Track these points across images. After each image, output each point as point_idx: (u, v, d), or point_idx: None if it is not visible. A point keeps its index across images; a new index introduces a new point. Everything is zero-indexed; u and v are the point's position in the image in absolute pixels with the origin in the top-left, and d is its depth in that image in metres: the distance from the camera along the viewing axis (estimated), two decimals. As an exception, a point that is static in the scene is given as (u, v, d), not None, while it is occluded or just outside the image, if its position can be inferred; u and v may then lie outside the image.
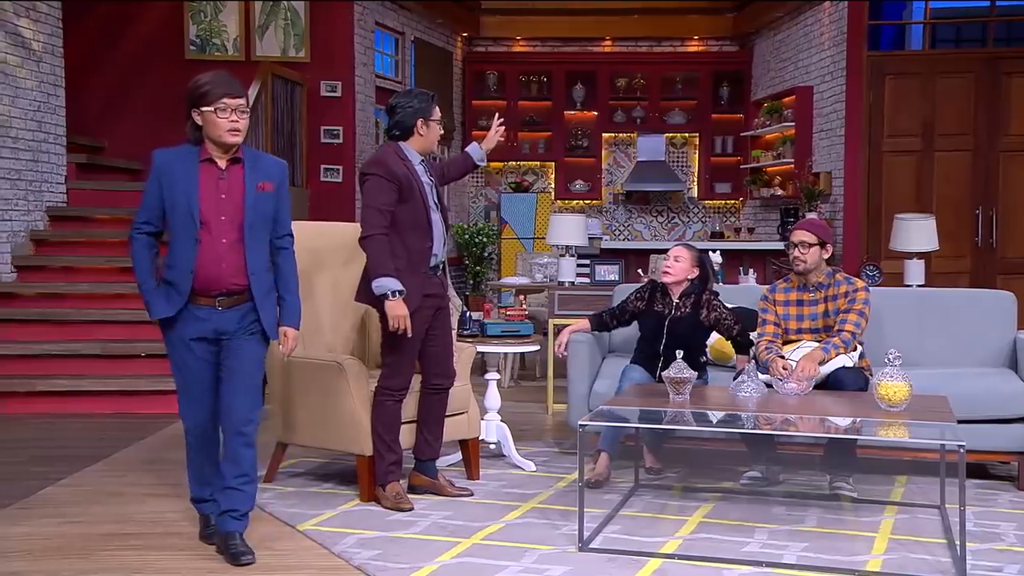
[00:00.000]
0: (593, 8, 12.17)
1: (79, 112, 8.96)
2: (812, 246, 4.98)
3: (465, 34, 12.25)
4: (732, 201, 12.51)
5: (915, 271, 6.80)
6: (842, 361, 4.84)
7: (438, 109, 4.68)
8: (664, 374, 4.46)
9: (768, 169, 11.37)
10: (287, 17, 9.68)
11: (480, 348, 5.50)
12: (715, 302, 5.14)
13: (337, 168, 9.69)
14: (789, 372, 4.66)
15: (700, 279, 5.21)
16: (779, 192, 10.98)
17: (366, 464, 4.67)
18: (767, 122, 11.19)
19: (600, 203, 12.61)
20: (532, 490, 4.90)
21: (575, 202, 12.60)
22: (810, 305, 5.04)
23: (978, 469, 5.27)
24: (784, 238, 9.51)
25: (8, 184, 7.77)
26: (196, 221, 3.73)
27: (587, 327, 5.42)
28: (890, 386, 4.15)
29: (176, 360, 3.88)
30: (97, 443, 5.94)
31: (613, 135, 12.63)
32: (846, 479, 4.81)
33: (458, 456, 5.24)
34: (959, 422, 4.08)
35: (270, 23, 9.69)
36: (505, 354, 7.80)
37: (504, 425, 5.51)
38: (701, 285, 5.20)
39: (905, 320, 5.56)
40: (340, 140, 9.70)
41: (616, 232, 12.59)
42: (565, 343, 5.35)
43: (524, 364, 8.84)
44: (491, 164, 12.25)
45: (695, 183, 12.57)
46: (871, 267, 7.04)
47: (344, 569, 3.81)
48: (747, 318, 5.23)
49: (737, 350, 5.21)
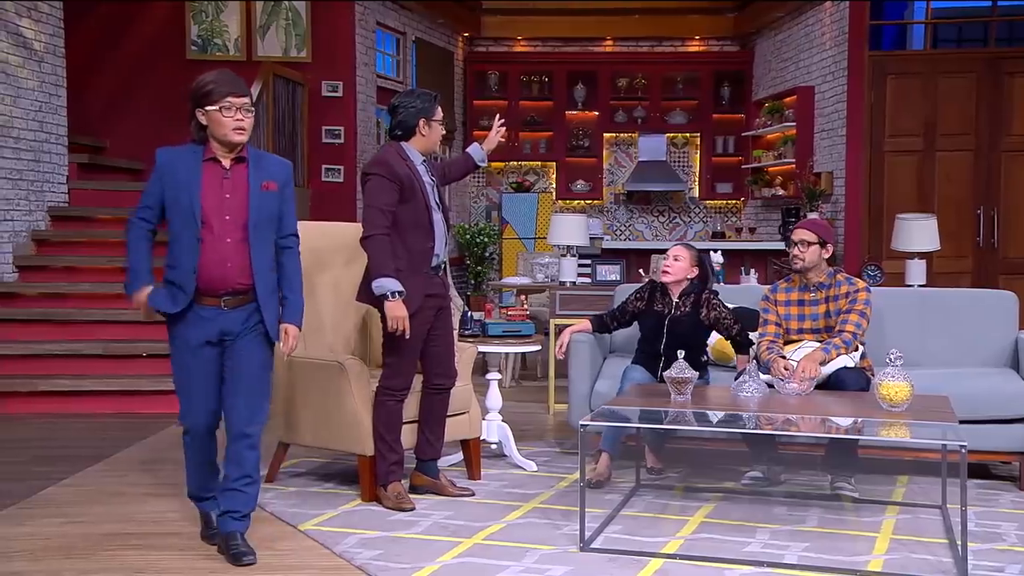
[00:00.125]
0: (594, 8, 12.17)
1: (81, 112, 8.97)
2: (811, 245, 4.99)
3: (466, 34, 12.25)
4: (733, 201, 12.51)
5: (917, 271, 6.80)
6: (843, 361, 4.84)
7: (440, 109, 4.68)
8: (666, 374, 4.46)
9: (769, 169, 11.37)
10: (288, 17, 9.69)
11: (481, 348, 5.50)
12: (715, 301, 5.14)
13: (338, 168, 9.69)
14: (790, 372, 4.66)
15: (699, 278, 5.21)
16: (780, 192, 10.98)
17: (367, 464, 4.67)
18: (768, 122, 11.19)
19: (601, 203, 12.61)
20: (533, 490, 4.90)
21: (576, 202, 12.60)
22: (811, 305, 5.04)
23: (980, 469, 5.27)
24: (785, 238, 9.50)
25: (10, 184, 7.77)
26: (198, 220, 3.72)
27: (588, 328, 5.42)
28: (892, 386, 4.15)
29: (178, 360, 3.87)
30: (99, 443, 5.95)
31: (614, 135, 12.62)
32: (847, 479, 4.81)
33: (459, 456, 5.24)
34: (961, 422, 4.07)
35: (271, 23, 9.70)
36: (506, 354, 7.80)
37: (505, 425, 5.51)
38: (701, 284, 5.20)
39: (907, 320, 5.56)
40: (341, 140, 9.70)
41: (617, 232, 12.59)
42: (565, 344, 5.34)
43: (525, 364, 8.84)
44: (492, 164, 12.25)
45: (696, 183, 12.56)
46: (872, 267, 7.04)
47: (345, 569, 3.82)
48: (748, 318, 5.24)
49: (737, 350, 5.21)
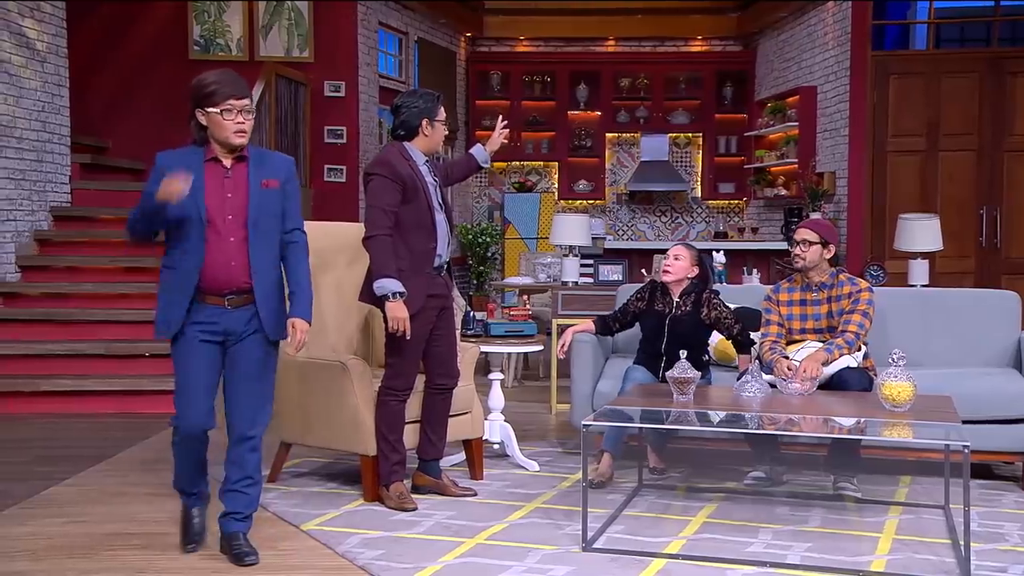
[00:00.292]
0: (596, 8, 12.17)
1: (83, 112, 8.98)
2: (813, 244, 4.99)
3: (468, 34, 12.25)
4: (736, 201, 12.50)
5: (919, 271, 6.79)
6: (846, 361, 4.83)
7: (443, 109, 4.68)
8: (668, 374, 4.46)
9: (772, 169, 11.36)
10: (291, 17, 9.69)
11: (484, 348, 5.50)
12: (715, 301, 5.13)
13: (341, 168, 9.69)
14: (793, 372, 4.66)
15: (700, 278, 5.21)
16: (783, 192, 10.97)
17: (370, 464, 4.67)
18: (771, 122, 11.18)
19: (603, 203, 12.61)
20: (536, 490, 4.90)
21: (578, 202, 12.59)
22: (813, 305, 5.03)
23: (982, 469, 5.26)
24: (788, 238, 9.49)
25: (12, 184, 7.78)
26: (203, 221, 3.71)
27: (591, 328, 5.41)
28: (894, 386, 4.14)
29: (179, 359, 3.81)
30: (101, 443, 5.95)
31: (617, 135, 12.62)
32: (850, 479, 4.81)
33: (462, 456, 5.24)
34: (963, 422, 4.06)
35: (274, 23, 9.70)
36: (509, 354, 7.80)
37: (508, 425, 5.51)
38: (701, 284, 5.20)
39: (909, 320, 5.56)
40: (344, 140, 9.71)
41: (619, 232, 12.59)
42: (567, 344, 5.34)
43: (528, 364, 8.84)
44: (495, 164, 12.25)
45: (699, 183, 12.56)
46: (875, 267, 7.03)
47: (348, 569, 3.81)
48: (750, 318, 5.23)
49: (738, 349, 5.20)
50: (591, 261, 7.50)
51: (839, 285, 5.02)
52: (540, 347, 5.84)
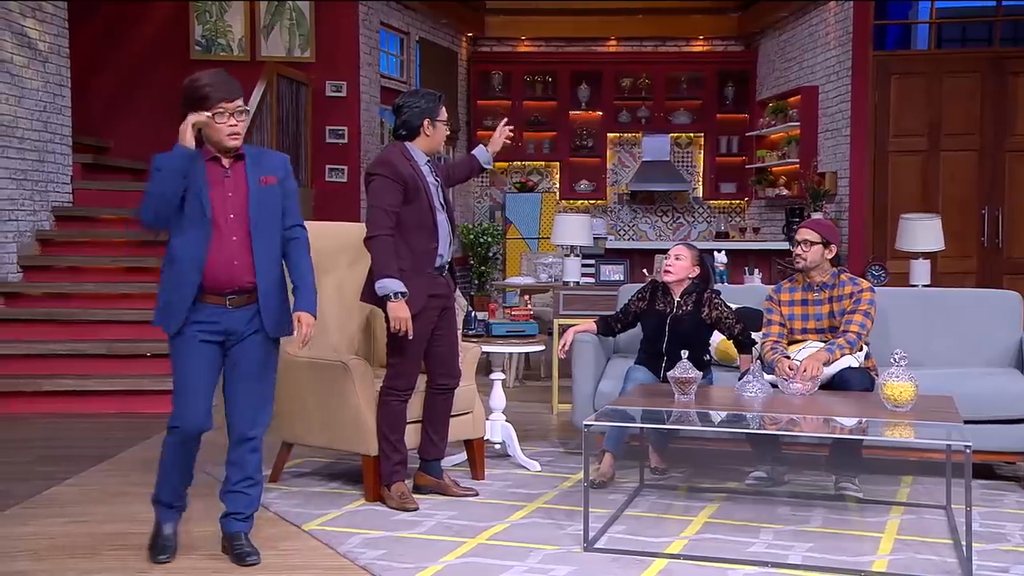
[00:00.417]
0: (597, 8, 12.17)
1: (85, 112, 8.98)
2: (814, 244, 4.99)
3: (470, 34, 12.26)
4: (737, 201, 12.50)
5: (921, 271, 6.79)
6: (848, 361, 4.83)
7: (445, 109, 4.68)
8: (669, 374, 4.46)
9: (773, 169, 11.36)
10: (292, 17, 9.70)
11: (485, 348, 5.50)
12: (716, 300, 5.13)
13: (342, 168, 9.69)
14: (794, 372, 4.66)
15: (701, 277, 5.20)
16: (784, 192, 10.97)
17: (371, 464, 4.67)
18: (772, 122, 11.18)
19: (605, 203, 12.61)
20: (537, 490, 4.90)
21: (580, 202, 12.59)
22: (815, 305, 5.03)
23: (984, 469, 5.25)
24: (789, 238, 9.49)
25: (14, 184, 7.79)
26: (209, 218, 3.69)
27: (592, 328, 5.41)
28: (896, 386, 4.14)
29: (178, 359, 3.77)
30: (103, 443, 5.95)
31: (618, 135, 12.62)
32: (852, 479, 4.81)
33: (463, 456, 5.24)
34: (965, 422, 4.06)
35: (275, 23, 9.71)
36: (510, 354, 7.80)
37: (509, 425, 5.50)
38: (702, 284, 5.20)
39: (911, 320, 5.56)
40: (345, 140, 9.71)
41: (621, 232, 12.59)
42: (568, 343, 5.34)
43: (529, 364, 8.84)
44: (496, 164, 12.23)
45: (700, 183, 12.56)
46: (877, 267, 7.02)
47: (349, 569, 3.82)
48: (752, 318, 5.23)
49: (739, 349, 5.19)
50: (592, 261, 7.49)
51: (840, 285, 5.01)
52: (541, 347, 5.84)
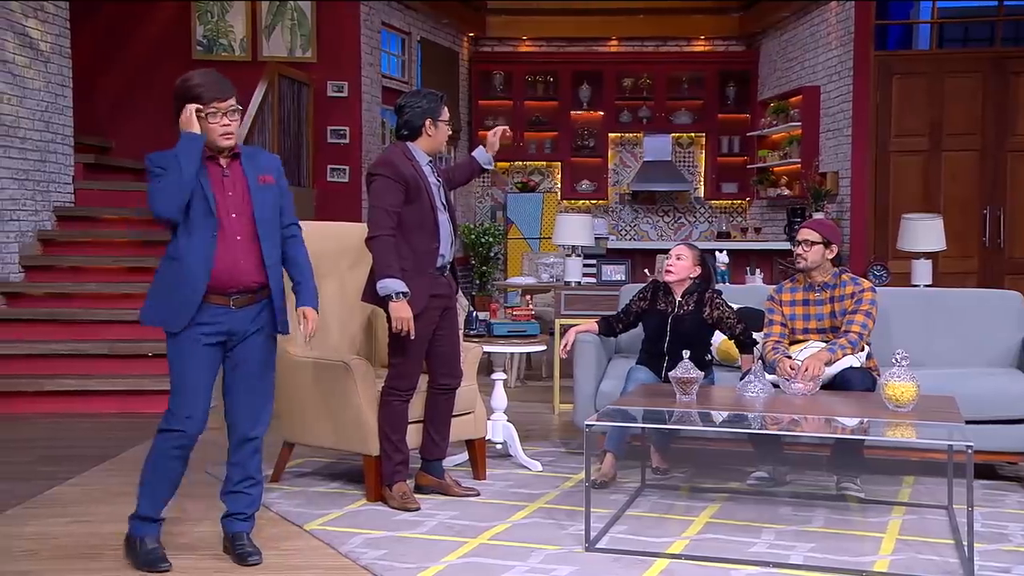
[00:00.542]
0: (599, 8, 12.17)
1: (87, 112, 8.99)
2: (815, 244, 4.98)
3: (471, 34, 12.26)
4: (739, 201, 12.50)
5: (922, 271, 6.79)
6: (849, 361, 4.83)
7: (446, 109, 4.68)
8: (671, 374, 4.45)
9: (775, 169, 11.36)
10: (294, 17, 9.70)
11: (486, 348, 5.50)
12: (718, 300, 5.13)
13: (344, 168, 9.70)
14: (796, 372, 4.66)
15: (702, 277, 5.20)
16: (786, 192, 10.97)
17: (373, 464, 4.67)
18: (774, 122, 11.18)
19: (606, 203, 12.61)
20: (538, 490, 4.90)
21: (581, 202, 12.59)
22: (816, 305, 5.03)
23: (986, 470, 5.25)
24: (791, 238, 9.49)
25: (16, 184, 7.79)
26: (215, 215, 3.67)
27: (594, 329, 5.41)
28: (897, 386, 4.14)
29: (178, 360, 3.72)
30: (104, 443, 5.96)
31: (619, 135, 12.62)
32: (853, 479, 4.81)
33: (464, 456, 5.24)
34: (967, 422, 4.06)
35: (277, 23, 9.71)
36: (511, 354, 7.80)
37: (510, 425, 5.51)
38: (704, 283, 5.20)
39: (912, 320, 5.55)
40: (347, 140, 9.72)
41: (622, 232, 12.59)
42: (570, 343, 5.34)
43: (530, 364, 8.84)
44: (497, 164, 12.22)
45: (701, 183, 12.56)
46: (878, 267, 7.02)
47: (351, 569, 3.82)
48: (753, 319, 5.23)
49: (741, 349, 5.19)
50: (594, 261, 7.49)
51: (842, 285, 5.01)
52: (543, 347, 5.84)
